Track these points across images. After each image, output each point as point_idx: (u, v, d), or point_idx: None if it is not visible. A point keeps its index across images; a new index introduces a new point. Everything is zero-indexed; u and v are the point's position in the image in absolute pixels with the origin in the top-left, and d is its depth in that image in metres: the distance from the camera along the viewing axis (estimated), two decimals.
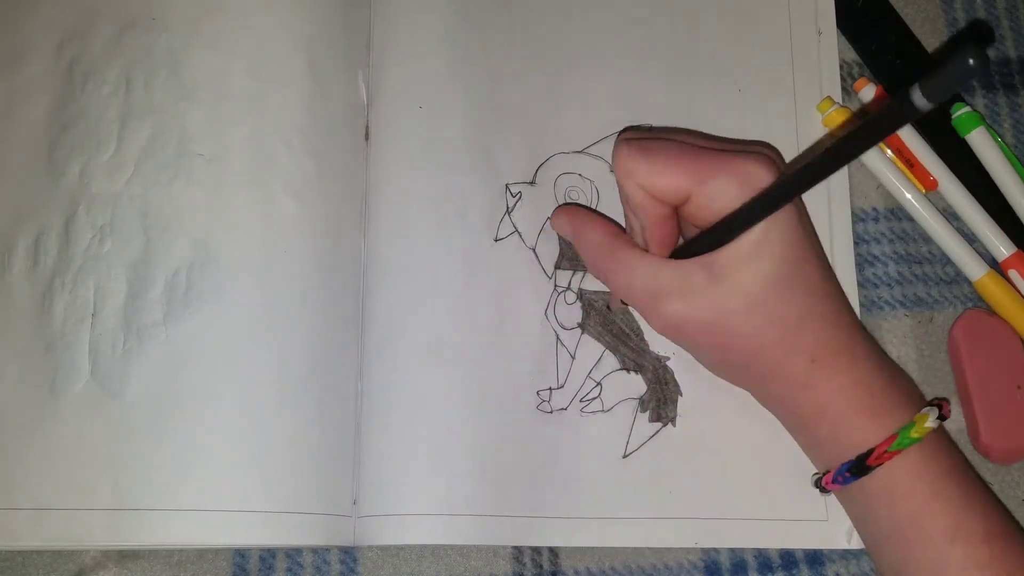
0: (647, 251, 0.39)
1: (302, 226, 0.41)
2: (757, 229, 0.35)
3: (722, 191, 0.36)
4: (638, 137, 0.39)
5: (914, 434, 0.35)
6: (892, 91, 0.46)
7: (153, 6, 0.43)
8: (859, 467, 0.36)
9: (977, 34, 0.47)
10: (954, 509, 0.36)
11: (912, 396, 0.38)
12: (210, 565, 0.41)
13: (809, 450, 0.40)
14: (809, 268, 0.37)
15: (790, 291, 0.36)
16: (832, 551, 0.41)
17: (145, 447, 0.38)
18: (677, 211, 0.38)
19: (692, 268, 0.36)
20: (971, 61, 0.23)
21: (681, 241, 0.40)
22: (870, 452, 0.36)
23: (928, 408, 0.37)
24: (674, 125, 0.45)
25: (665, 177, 0.37)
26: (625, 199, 0.39)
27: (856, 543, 0.41)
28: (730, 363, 0.39)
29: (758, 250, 0.35)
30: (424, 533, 0.40)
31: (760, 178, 0.36)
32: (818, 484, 0.39)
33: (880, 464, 0.36)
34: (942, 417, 0.36)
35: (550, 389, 0.42)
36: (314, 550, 0.41)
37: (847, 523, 0.41)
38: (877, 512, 0.37)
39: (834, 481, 0.37)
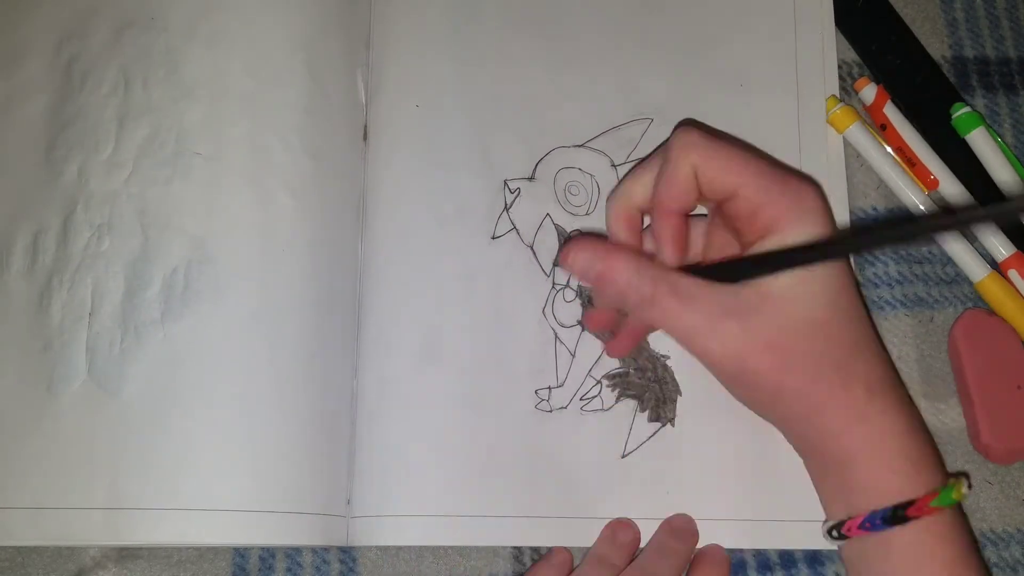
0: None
1: (300, 225, 0.41)
2: None
3: (772, 200, 0.35)
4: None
5: (955, 495, 0.34)
6: (892, 90, 0.46)
7: (152, 6, 0.43)
8: (895, 516, 0.34)
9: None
10: None
11: (939, 456, 0.37)
12: (210, 565, 0.41)
13: (834, 495, 0.37)
14: (858, 300, 0.37)
15: (848, 317, 0.36)
16: (832, 551, 0.41)
17: (142, 446, 0.38)
18: (716, 208, 0.38)
19: (747, 292, 0.35)
20: None
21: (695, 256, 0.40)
22: (910, 503, 0.34)
23: (960, 476, 0.36)
24: (676, 119, 0.45)
25: (724, 163, 0.36)
26: (667, 181, 0.37)
27: None
28: (784, 392, 0.36)
29: (815, 275, 0.35)
30: (418, 534, 0.40)
31: (813, 202, 0.35)
32: (833, 531, 0.36)
33: (918, 517, 0.34)
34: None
35: (549, 388, 0.42)
36: (313, 550, 0.41)
37: None
38: (888, 569, 0.35)
39: (861, 527, 0.35)
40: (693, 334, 0.36)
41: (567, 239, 0.43)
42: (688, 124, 0.37)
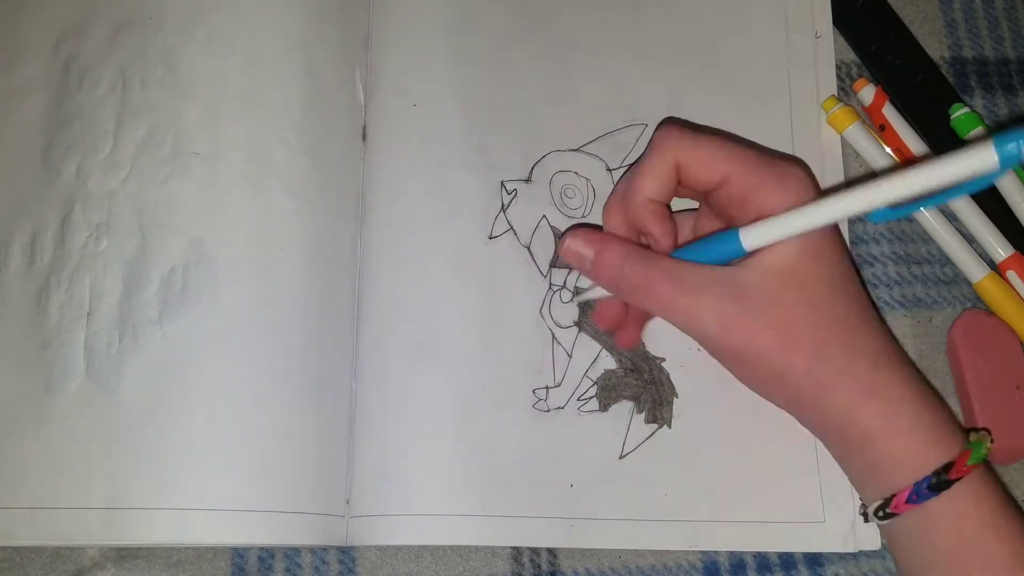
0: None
1: (298, 224, 0.41)
2: (808, 234, 0.34)
3: (760, 183, 0.35)
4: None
5: (984, 451, 0.34)
6: (891, 91, 0.46)
7: (149, 5, 0.43)
8: (939, 483, 0.34)
9: None
10: (1014, 535, 0.34)
11: (953, 416, 0.37)
12: (209, 565, 0.40)
13: (862, 475, 0.37)
14: (854, 275, 0.37)
15: (846, 293, 0.36)
16: (831, 553, 0.41)
17: (139, 446, 0.38)
18: (706, 199, 0.38)
19: (745, 273, 0.35)
20: None
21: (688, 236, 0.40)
22: (949, 465, 0.34)
23: (979, 432, 0.36)
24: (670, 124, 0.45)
25: (708, 154, 0.36)
26: (647, 174, 0.37)
27: (852, 546, 0.40)
28: (789, 372, 0.35)
29: (813, 251, 0.35)
30: (417, 534, 0.39)
31: (801, 182, 0.35)
32: (880, 511, 0.36)
33: (960, 478, 0.33)
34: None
35: (546, 388, 0.42)
36: (312, 550, 0.41)
37: (844, 525, 0.40)
38: (934, 539, 0.35)
39: (909, 500, 0.34)
40: (691, 318, 0.35)
41: (565, 232, 0.43)
42: (669, 121, 0.38)
